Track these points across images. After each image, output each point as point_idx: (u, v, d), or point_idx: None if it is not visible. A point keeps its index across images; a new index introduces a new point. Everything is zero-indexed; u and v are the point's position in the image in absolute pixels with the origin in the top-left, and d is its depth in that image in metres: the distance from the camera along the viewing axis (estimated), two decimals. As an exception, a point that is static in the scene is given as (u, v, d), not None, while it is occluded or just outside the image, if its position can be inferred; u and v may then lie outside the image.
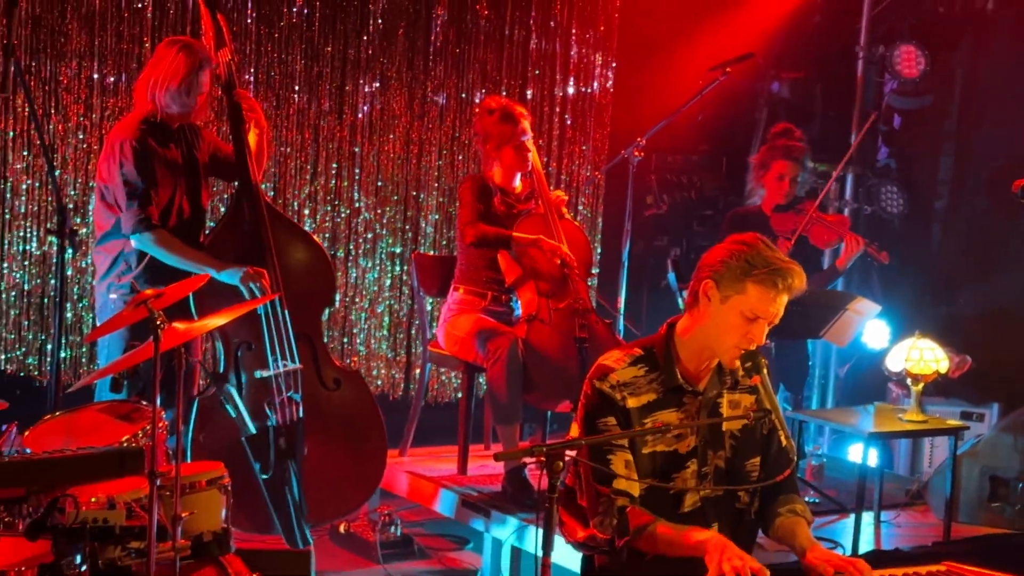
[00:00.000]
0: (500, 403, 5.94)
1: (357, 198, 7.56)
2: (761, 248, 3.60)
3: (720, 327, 3.63)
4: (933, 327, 6.37)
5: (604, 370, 3.68)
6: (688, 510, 3.70)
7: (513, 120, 6.09)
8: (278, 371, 5.39)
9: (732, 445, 3.77)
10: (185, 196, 5.45)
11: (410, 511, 6.56)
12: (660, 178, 8.16)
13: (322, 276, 5.71)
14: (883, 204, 7.98)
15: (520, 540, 5.70)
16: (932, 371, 5.93)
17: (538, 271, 6.04)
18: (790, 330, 6.15)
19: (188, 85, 5.32)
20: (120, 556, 3.54)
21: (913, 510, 6.35)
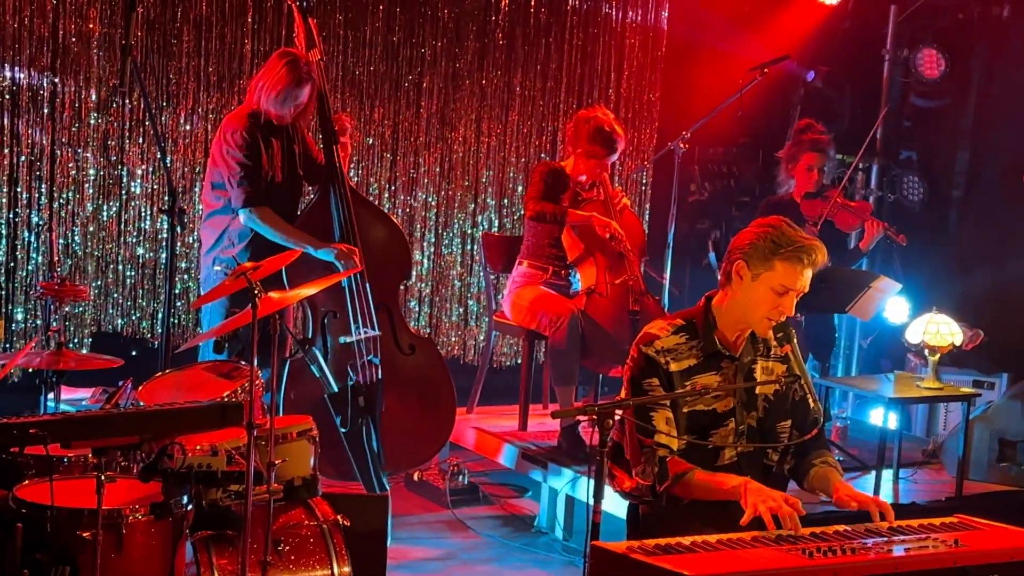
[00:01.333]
0: (559, 366, 5.93)
1: (431, 183, 7.57)
2: (785, 229, 3.61)
3: (753, 301, 3.63)
4: (949, 304, 6.30)
5: (650, 337, 3.69)
6: (726, 463, 3.71)
7: (612, 147, 5.95)
8: (359, 337, 5.42)
9: (764, 407, 3.76)
10: (283, 185, 5.47)
11: (476, 462, 6.58)
12: (702, 168, 8.10)
13: (399, 252, 5.72)
14: (905, 193, 7.90)
15: (573, 490, 5.71)
16: (947, 343, 5.87)
17: (598, 250, 6.03)
18: (819, 305, 6.10)
19: (285, 96, 5.30)
20: (221, 497, 3.58)
21: (928, 468, 6.30)
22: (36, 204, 6.52)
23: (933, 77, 7.71)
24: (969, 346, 6.66)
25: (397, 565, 5.17)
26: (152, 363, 5.27)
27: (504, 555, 5.57)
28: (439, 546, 5.62)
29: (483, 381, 6.77)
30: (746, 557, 3.03)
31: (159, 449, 3.42)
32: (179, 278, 6.80)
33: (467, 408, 6.68)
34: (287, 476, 4.00)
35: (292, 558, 3.94)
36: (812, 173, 6.62)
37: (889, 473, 5.94)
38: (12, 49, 6.34)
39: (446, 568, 5.35)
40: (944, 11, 7.84)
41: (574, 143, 6.05)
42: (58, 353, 4.59)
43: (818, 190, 6.68)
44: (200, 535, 3.86)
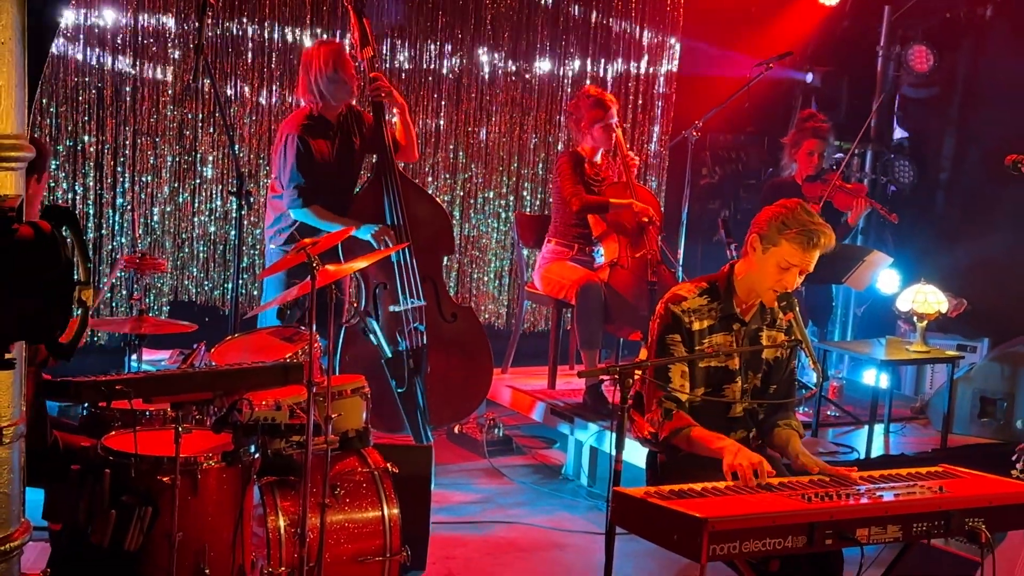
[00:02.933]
0: (585, 332, 5.94)
1: (470, 167, 7.56)
2: (799, 212, 3.59)
3: (761, 272, 3.63)
4: (936, 275, 6.25)
5: (678, 297, 3.69)
6: (737, 415, 3.75)
7: (604, 106, 6.03)
8: (407, 306, 5.43)
9: (765, 370, 3.78)
10: (339, 170, 5.47)
11: (510, 417, 6.59)
12: (713, 153, 8.05)
13: (443, 229, 5.72)
14: (896, 175, 7.83)
15: (597, 442, 5.72)
16: (934, 311, 5.83)
17: (621, 226, 6.02)
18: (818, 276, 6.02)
19: (336, 66, 5.30)
20: (284, 447, 3.60)
21: (916, 423, 6.28)
22: (120, 187, 6.56)
23: (923, 71, 7.63)
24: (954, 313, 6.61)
25: (440, 508, 5.20)
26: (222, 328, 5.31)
27: (535, 499, 5.59)
28: (477, 491, 5.65)
29: (516, 345, 6.79)
30: (751, 501, 3.03)
31: (229, 404, 3.44)
32: (246, 253, 6.84)
33: (502, 369, 6.70)
34: (342, 428, 4.03)
35: (347, 501, 3.97)
36: (812, 157, 6.57)
37: (880, 427, 5.92)
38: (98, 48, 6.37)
39: (483, 511, 5.38)
40: (933, 11, 7.75)
41: (578, 125, 6.08)
42: (140, 319, 4.63)
43: (817, 173, 6.63)
44: (266, 480, 3.90)
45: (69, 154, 6.41)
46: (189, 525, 3.33)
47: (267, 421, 3.50)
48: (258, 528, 3.81)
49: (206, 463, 3.37)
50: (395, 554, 3.97)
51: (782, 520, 2.89)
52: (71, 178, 6.44)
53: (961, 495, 3.17)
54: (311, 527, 3.76)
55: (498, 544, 4.99)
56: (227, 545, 3.39)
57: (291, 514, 3.84)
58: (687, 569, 4.59)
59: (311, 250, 3.75)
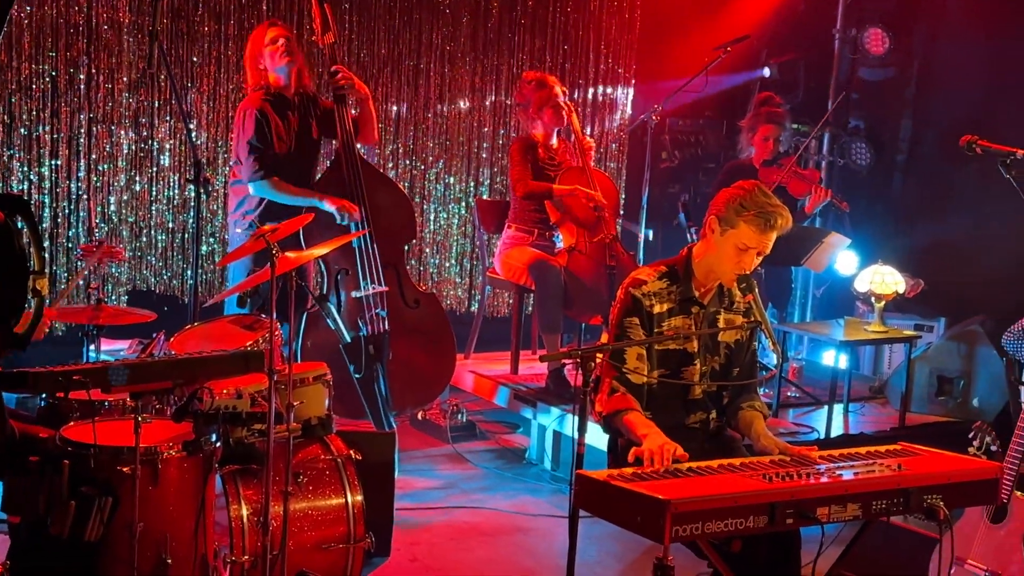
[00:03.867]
0: (546, 317, 5.94)
1: (431, 154, 7.53)
2: (756, 194, 3.59)
3: (720, 254, 3.64)
4: (893, 256, 6.30)
5: (639, 281, 3.70)
6: (696, 398, 3.75)
7: (547, 86, 6.04)
8: (368, 292, 5.40)
9: (726, 354, 3.79)
10: (298, 153, 5.44)
11: (473, 402, 6.60)
12: (673, 137, 8.07)
13: (404, 215, 5.70)
14: (853, 158, 7.88)
15: (560, 425, 5.73)
16: (892, 292, 5.88)
17: (577, 213, 6.02)
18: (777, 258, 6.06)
19: (269, 34, 5.32)
20: (246, 436, 3.58)
21: (875, 403, 6.33)
22: (76, 175, 6.47)
23: (879, 53, 7.67)
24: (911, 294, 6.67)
25: (404, 494, 5.20)
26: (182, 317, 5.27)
27: (498, 484, 5.60)
28: (441, 477, 5.65)
29: (479, 330, 6.78)
30: (711, 481, 3.04)
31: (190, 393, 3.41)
32: (205, 241, 6.78)
33: (465, 354, 6.69)
34: (304, 416, 4.01)
35: (310, 488, 3.96)
36: (768, 143, 6.59)
37: (840, 407, 5.97)
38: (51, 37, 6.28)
39: (447, 496, 5.38)
40: (889, -7, 7.80)
41: (527, 112, 6.11)
42: (97, 308, 4.58)
43: (774, 158, 6.66)
44: (228, 469, 3.87)
45: (23, 143, 6.32)
46: (150, 515, 3.30)
47: (228, 410, 3.48)
48: (220, 517, 3.78)
49: (167, 452, 3.34)
50: (359, 541, 3.96)
51: (744, 500, 2.90)
52: (26, 167, 6.35)
53: (919, 472, 3.20)
54: (274, 515, 3.74)
55: (462, 529, 4.99)
56: (189, 535, 3.37)
57: (254, 503, 3.81)
58: (650, 551, 4.61)
59: (271, 237, 3.72)
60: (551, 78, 6.10)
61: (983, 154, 3.68)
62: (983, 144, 3.66)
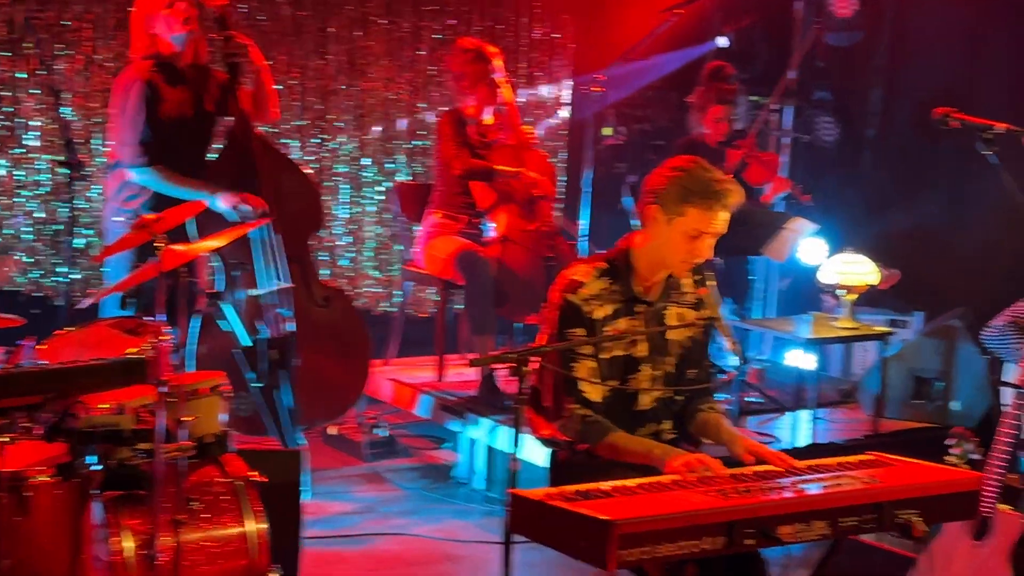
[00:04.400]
0: (476, 316, 5.95)
1: (342, 131, 7.50)
2: (697, 172, 3.58)
3: (669, 245, 3.63)
4: (864, 243, 6.39)
5: (575, 284, 3.67)
6: (644, 408, 3.74)
7: (485, 59, 6.05)
8: (270, 290, 5.37)
9: (680, 354, 3.79)
10: (190, 132, 5.37)
11: (393, 415, 6.59)
12: (618, 111, 8.11)
13: (311, 202, 5.66)
14: (819, 133, 7.98)
15: (492, 439, 5.74)
16: (862, 283, 5.98)
17: (511, 197, 6.03)
18: (734, 247, 6.16)
19: (172, 3, 5.20)
20: (130, 457, 3.54)
21: (846, 408, 6.43)
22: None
23: (846, 16, 7.76)
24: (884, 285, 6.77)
25: (315, 520, 5.17)
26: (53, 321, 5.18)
27: (423, 507, 5.60)
28: (357, 500, 5.64)
29: (399, 332, 6.77)
30: (665, 500, 3.07)
31: (63, 409, 3.37)
32: (80, 233, 6.68)
33: (383, 360, 6.67)
34: (198, 433, 3.96)
35: (205, 516, 3.91)
36: (720, 124, 6.66)
37: (807, 414, 6.06)
38: None
39: (364, 521, 5.36)
40: (856, -52, 7.89)
41: (458, 83, 6.12)
42: (-46, 313, 4.49)
43: (728, 139, 6.72)
44: (110, 496, 3.82)
45: None
46: (19, 550, 3.26)
47: (108, 427, 3.44)
48: (101, 551, 3.73)
49: (36, 478, 3.29)
50: (262, 574, 3.94)
51: (698, 519, 2.93)
52: None
53: (893, 485, 3.25)
54: (163, 548, 3.70)
55: (382, 559, 4.98)
56: (64, 571, 3.33)
57: (140, 534, 3.77)
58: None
59: (156, 227, 3.68)
60: (491, 50, 6.10)
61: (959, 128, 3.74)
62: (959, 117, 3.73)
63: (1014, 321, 4.80)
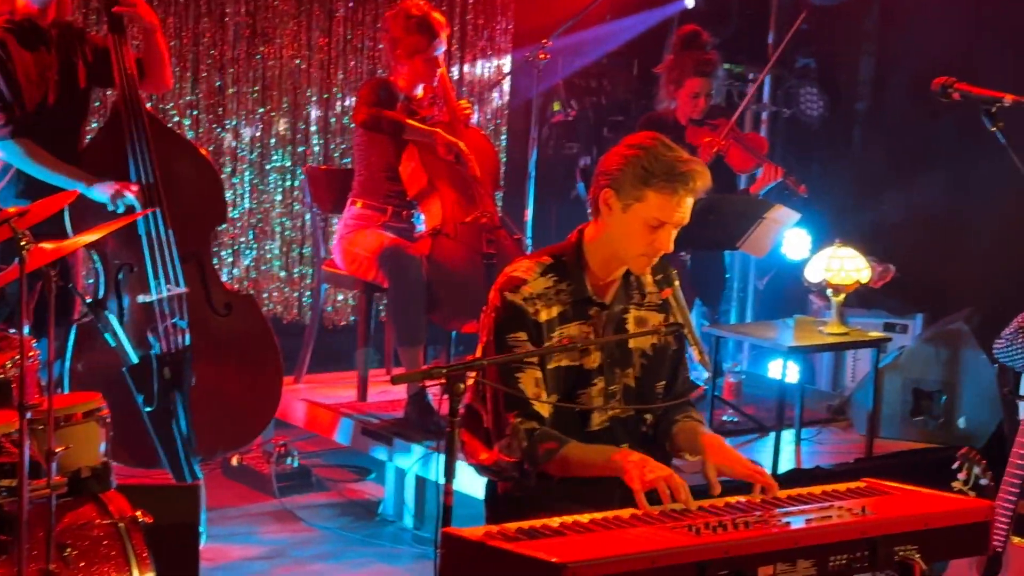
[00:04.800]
0: (402, 324, 5.93)
1: (243, 108, 7.45)
2: (659, 151, 3.57)
3: (625, 236, 3.62)
4: (855, 235, 6.44)
5: (515, 281, 3.66)
6: (596, 429, 3.72)
7: (431, 32, 6.02)
8: (162, 295, 5.33)
9: (643, 364, 3.78)
10: (59, 105, 5.31)
11: (307, 441, 6.58)
12: (567, 82, 8.13)
13: (210, 192, 5.63)
14: (802, 107, 8.02)
15: (424, 469, 5.73)
16: (853, 281, 6.00)
17: (444, 182, 6.01)
18: (705, 241, 6.20)
19: None
20: (-9, 495, 3.50)
21: (835, 426, 6.47)
22: None
23: (832, -28, 7.83)
24: (878, 283, 6.84)
25: (214, 567, 5.15)
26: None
27: (343, 550, 5.59)
28: (264, 542, 5.62)
29: (313, 343, 6.74)
30: (624, 538, 3.06)
31: (-93, 439, 3.32)
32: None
33: (294, 377, 6.65)
34: (72, 466, 3.93)
35: (81, 564, 3.88)
36: (698, 100, 6.68)
37: (790, 434, 6.09)
38: None
39: (273, 568, 5.35)
40: None
41: (392, 48, 6.12)
42: None
43: (704, 117, 6.75)
44: (-34, 542, 3.77)
45: None
46: None
47: (-37, 461, 3.39)
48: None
49: None
50: (152, 633, 3.91)
51: (664, 560, 2.92)
52: None
53: (889, 517, 3.26)
54: (32, 603, 3.66)
55: (294, 612, 4.98)
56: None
57: (4, 587, 3.73)
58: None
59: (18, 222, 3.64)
60: (439, 19, 6.08)
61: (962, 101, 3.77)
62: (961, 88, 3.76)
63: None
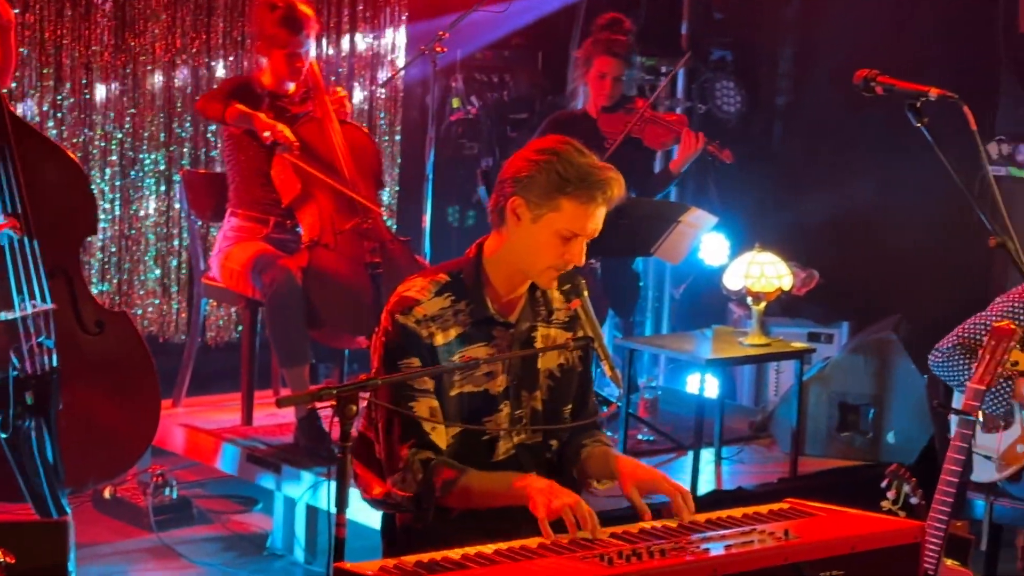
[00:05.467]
0: (282, 342, 5.91)
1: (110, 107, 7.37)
2: (573, 156, 3.57)
3: (533, 248, 3.61)
4: (776, 238, 6.50)
5: (408, 302, 3.63)
6: (502, 458, 3.71)
7: (296, 27, 6.01)
8: (25, 312, 5.26)
9: (550, 386, 3.78)
10: None
11: (187, 470, 6.55)
12: (467, 77, 8.13)
13: (80, 199, 5.57)
14: (718, 102, 8.08)
15: (315, 498, 5.71)
16: (775, 288, 6.05)
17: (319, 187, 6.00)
18: (617, 247, 6.23)
19: None
20: None
21: (757, 444, 6.54)
22: None
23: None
24: (802, 290, 6.91)
25: (86, 610, 5.11)
26: None
27: (228, 588, 5.56)
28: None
29: (193, 364, 6.70)
30: (532, 569, 3.07)
31: None
32: None
33: (173, 400, 6.60)
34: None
35: (-62, 611, 3.83)
36: (604, 82, 6.72)
37: (710, 453, 6.14)
38: None
39: (152, 610, 5.33)
40: None
41: (254, 40, 6.17)
42: None
43: (615, 103, 6.79)
44: None
45: None
46: None
47: None
48: None
49: None
50: None
51: (573, 593, 2.95)
52: None
53: (814, 540, 3.29)
54: None
55: (175, 657, 4.94)
56: None
57: None
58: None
59: None
60: (306, 13, 6.06)
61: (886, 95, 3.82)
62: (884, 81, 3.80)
63: (962, 343, 4.94)
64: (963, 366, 4.86)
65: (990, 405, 4.85)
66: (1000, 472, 4.95)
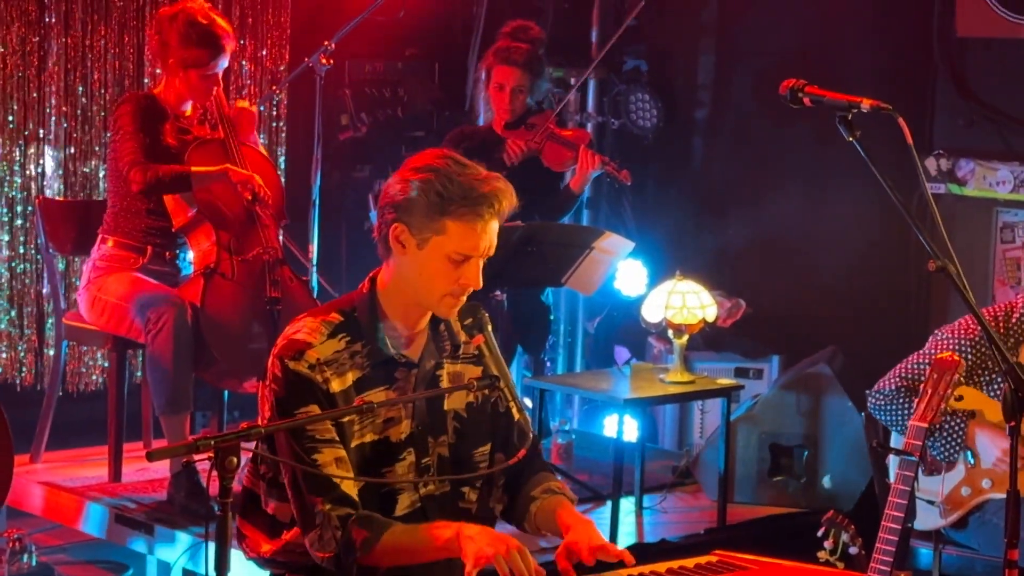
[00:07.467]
0: (165, 387, 5.84)
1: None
2: (453, 170, 3.56)
3: (424, 276, 3.60)
4: (698, 265, 6.55)
5: (298, 345, 3.59)
6: (405, 512, 3.67)
7: (216, 48, 5.94)
8: None
9: (456, 429, 3.76)
10: None
11: (48, 533, 6.48)
12: (356, 92, 8.13)
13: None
14: (633, 116, 8.11)
15: (194, 562, 5.66)
16: (698, 320, 6.08)
17: (219, 210, 5.96)
18: (524, 277, 6.23)
19: None
20: None
21: (682, 491, 6.55)
22: None
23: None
24: (727, 321, 6.96)
25: None
26: None
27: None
28: (-2, 660, 5.51)
29: (52, 414, 6.62)
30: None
31: None
32: None
33: (30, 455, 6.53)
34: None
35: None
36: (503, 94, 6.75)
37: (630, 502, 6.16)
38: None
39: None
40: None
41: (163, 56, 6.04)
42: None
43: (517, 118, 6.81)
44: None
45: None
46: None
47: None
48: None
49: None
50: None
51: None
52: None
53: (745, 596, 3.34)
54: None
55: None
56: None
57: None
58: None
59: None
60: (227, 34, 6.00)
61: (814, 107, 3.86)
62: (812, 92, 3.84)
63: (906, 385, 4.98)
64: (908, 410, 4.88)
65: (941, 451, 4.91)
66: (944, 518, 4.99)
